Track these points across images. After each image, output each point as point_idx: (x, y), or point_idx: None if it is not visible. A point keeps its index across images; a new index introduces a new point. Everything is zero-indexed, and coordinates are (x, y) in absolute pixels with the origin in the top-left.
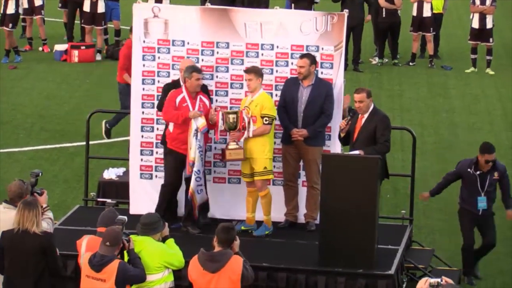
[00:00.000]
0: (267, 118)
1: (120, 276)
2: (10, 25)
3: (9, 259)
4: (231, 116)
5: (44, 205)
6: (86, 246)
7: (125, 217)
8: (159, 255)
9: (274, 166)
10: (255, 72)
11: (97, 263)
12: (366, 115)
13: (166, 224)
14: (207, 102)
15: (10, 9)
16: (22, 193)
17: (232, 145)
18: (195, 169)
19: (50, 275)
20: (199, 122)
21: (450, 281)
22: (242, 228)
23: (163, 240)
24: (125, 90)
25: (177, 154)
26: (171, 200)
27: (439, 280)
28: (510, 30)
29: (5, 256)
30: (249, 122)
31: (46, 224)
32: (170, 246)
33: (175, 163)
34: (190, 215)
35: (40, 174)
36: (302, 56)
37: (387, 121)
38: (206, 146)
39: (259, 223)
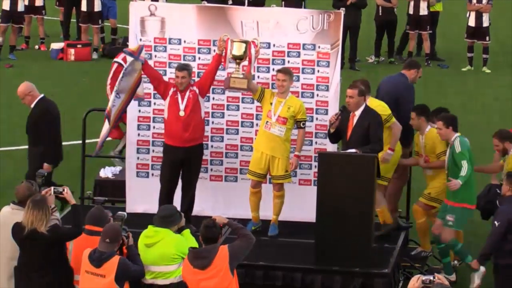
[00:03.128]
0: (304, 122)
1: (120, 272)
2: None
3: (21, 254)
4: (240, 44)
5: (52, 205)
6: (74, 242)
7: (125, 213)
8: (176, 245)
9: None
10: (290, 73)
11: (97, 259)
12: (358, 114)
13: (183, 215)
14: (197, 90)
15: (21, 7)
16: (30, 195)
17: (237, 74)
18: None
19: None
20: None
21: (442, 278)
22: (253, 228)
23: (179, 231)
24: None
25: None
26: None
27: (431, 277)
28: (506, 29)
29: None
30: (256, 56)
31: None
32: (187, 237)
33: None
34: (186, 212)
35: (46, 174)
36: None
37: (379, 119)
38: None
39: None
